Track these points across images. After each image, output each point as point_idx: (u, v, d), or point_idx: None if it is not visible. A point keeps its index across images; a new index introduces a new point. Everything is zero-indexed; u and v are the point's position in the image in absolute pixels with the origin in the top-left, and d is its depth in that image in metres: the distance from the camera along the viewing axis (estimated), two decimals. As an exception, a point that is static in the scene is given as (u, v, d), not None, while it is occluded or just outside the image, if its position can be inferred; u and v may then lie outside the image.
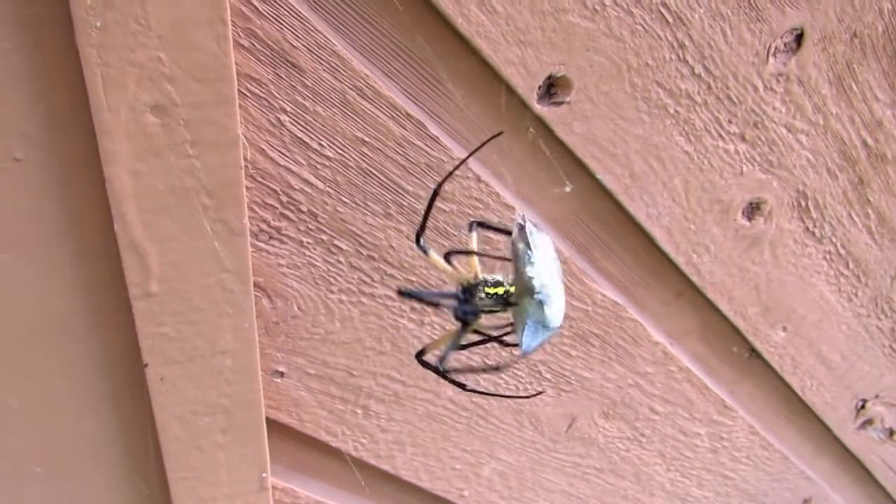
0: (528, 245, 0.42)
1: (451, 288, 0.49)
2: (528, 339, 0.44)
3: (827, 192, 0.67)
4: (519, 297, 0.44)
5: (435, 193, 0.46)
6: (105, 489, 0.58)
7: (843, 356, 0.82)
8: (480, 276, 0.46)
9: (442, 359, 0.49)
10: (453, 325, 0.49)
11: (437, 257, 0.47)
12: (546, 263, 0.43)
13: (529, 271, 0.42)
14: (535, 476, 0.78)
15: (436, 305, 0.54)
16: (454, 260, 0.47)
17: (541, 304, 0.42)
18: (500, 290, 0.45)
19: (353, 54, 0.49)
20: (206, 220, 0.46)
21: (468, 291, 0.45)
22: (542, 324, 0.43)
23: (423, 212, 0.52)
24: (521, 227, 0.43)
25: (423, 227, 0.46)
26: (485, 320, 0.48)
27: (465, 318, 0.47)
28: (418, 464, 0.71)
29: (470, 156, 0.54)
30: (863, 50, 0.59)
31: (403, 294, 0.49)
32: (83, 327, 0.50)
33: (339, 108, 0.50)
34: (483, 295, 0.45)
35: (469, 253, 0.47)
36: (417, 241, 0.46)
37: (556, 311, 0.44)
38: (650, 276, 0.68)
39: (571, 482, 0.81)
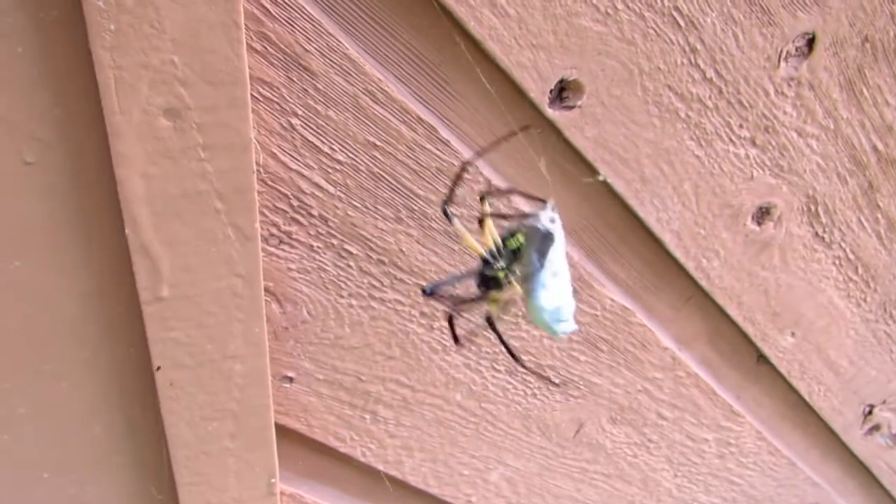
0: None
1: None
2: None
3: (837, 197, 0.67)
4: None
5: (464, 167, 0.47)
6: (114, 495, 0.58)
7: (850, 361, 0.82)
8: (498, 241, 0.47)
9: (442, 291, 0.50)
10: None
11: (460, 227, 0.48)
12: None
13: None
14: (542, 481, 0.78)
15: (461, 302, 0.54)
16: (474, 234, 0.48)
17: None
18: (517, 243, 0.46)
19: (366, 58, 0.49)
20: (217, 225, 0.46)
21: (488, 262, 0.46)
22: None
23: (447, 190, 0.54)
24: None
25: (449, 197, 0.50)
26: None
27: (487, 285, 0.47)
28: (426, 469, 0.71)
29: (502, 140, 0.54)
30: (874, 54, 0.59)
31: (427, 293, 0.50)
32: (93, 331, 0.50)
33: (351, 112, 0.50)
34: (503, 255, 0.46)
35: (495, 216, 0.49)
36: (444, 211, 0.48)
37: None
38: (659, 280, 0.68)
39: (579, 487, 0.81)
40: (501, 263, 0.46)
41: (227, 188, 0.45)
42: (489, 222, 0.47)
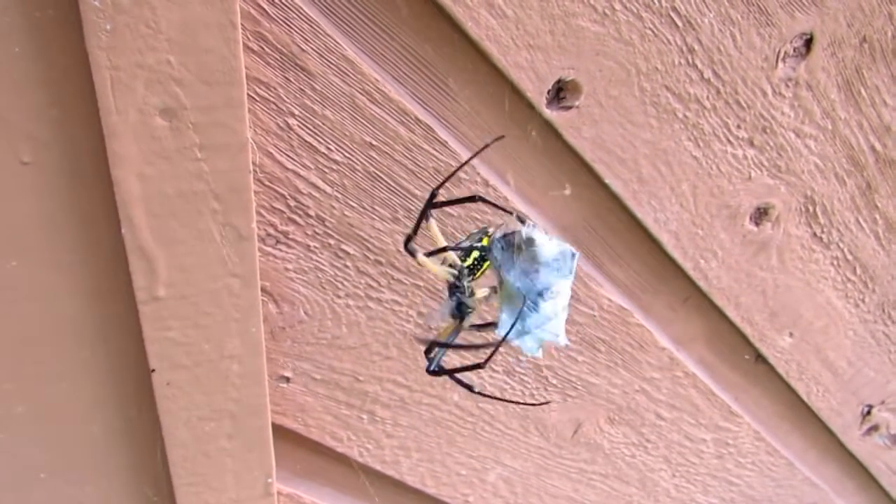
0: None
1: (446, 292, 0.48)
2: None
3: (835, 198, 0.67)
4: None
5: (430, 199, 0.45)
6: (111, 495, 0.58)
7: (849, 362, 0.82)
8: (459, 263, 0.45)
9: (435, 358, 0.48)
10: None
11: (424, 259, 0.46)
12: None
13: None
14: (540, 482, 0.78)
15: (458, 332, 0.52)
16: (437, 259, 0.46)
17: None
18: (475, 256, 0.44)
19: (363, 58, 0.49)
20: (214, 225, 0.46)
21: (455, 285, 0.45)
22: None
23: (413, 225, 0.50)
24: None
25: (414, 232, 0.45)
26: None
27: (460, 312, 0.46)
28: (423, 469, 0.71)
29: (469, 160, 0.54)
30: (872, 55, 0.59)
31: (430, 358, 0.48)
32: (90, 331, 0.50)
33: (348, 112, 0.50)
34: (468, 276, 0.44)
35: (443, 250, 0.46)
36: (406, 245, 0.45)
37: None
38: (657, 281, 0.68)
39: (576, 488, 0.81)
40: (467, 270, 0.44)
41: (223, 188, 0.45)
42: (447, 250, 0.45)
